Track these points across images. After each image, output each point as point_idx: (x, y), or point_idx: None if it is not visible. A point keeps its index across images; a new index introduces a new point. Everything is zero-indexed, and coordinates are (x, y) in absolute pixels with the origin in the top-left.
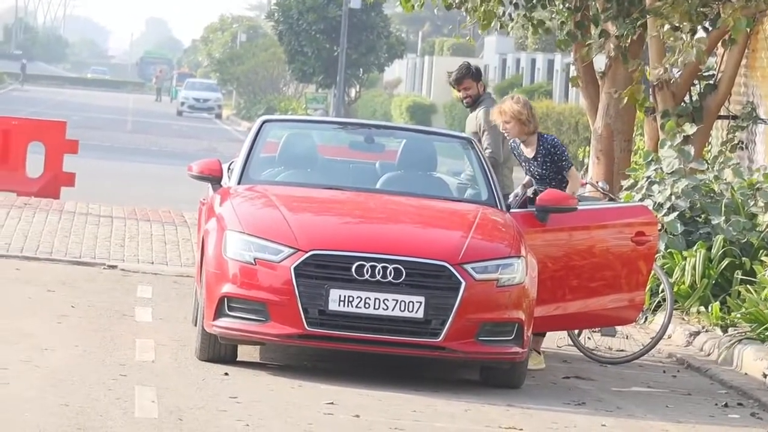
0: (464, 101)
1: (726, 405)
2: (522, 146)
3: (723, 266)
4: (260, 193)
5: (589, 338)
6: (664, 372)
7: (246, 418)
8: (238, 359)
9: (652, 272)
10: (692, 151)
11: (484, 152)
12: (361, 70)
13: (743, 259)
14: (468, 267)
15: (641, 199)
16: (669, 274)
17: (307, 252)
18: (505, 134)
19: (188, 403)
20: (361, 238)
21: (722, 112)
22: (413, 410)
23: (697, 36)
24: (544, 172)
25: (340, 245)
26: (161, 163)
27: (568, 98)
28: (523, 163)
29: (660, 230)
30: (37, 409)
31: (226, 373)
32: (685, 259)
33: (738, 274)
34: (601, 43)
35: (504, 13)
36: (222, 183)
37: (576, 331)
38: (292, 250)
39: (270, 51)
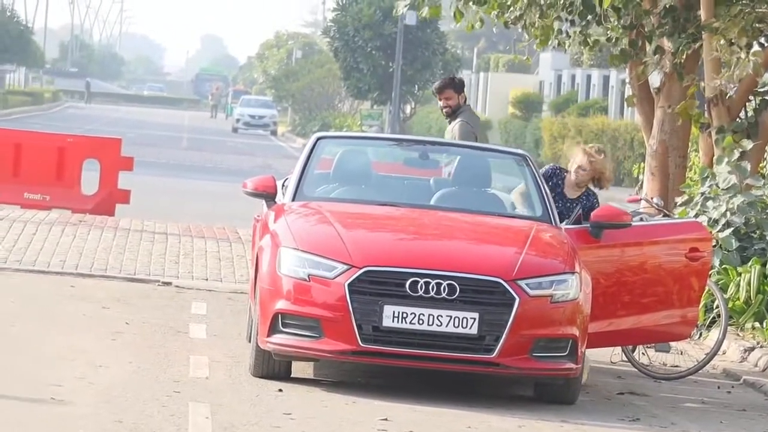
0: (444, 110)
1: None
2: (568, 182)
3: None
4: (314, 210)
5: (643, 354)
6: (719, 388)
7: None
8: (292, 375)
9: (707, 288)
10: (748, 167)
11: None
12: (416, 86)
13: None
14: (522, 283)
15: (696, 215)
16: (724, 289)
17: (361, 268)
18: (574, 178)
19: (242, 420)
20: (415, 255)
21: None
22: (467, 426)
23: (753, 50)
24: (562, 212)
25: (394, 262)
26: (216, 179)
27: (623, 114)
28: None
29: (715, 246)
30: (92, 426)
31: (280, 390)
32: (739, 275)
33: None
34: (657, 60)
35: (560, 30)
36: (276, 200)
37: (630, 347)
38: (346, 267)
39: (325, 67)
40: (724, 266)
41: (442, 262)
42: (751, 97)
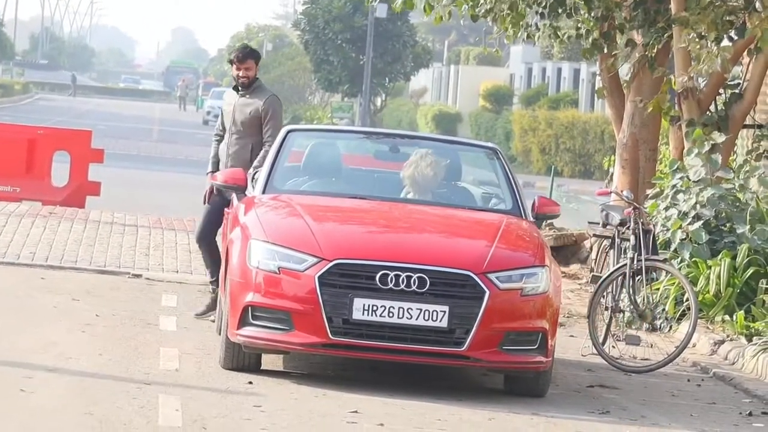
0: (240, 80)
1: (750, 414)
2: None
3: (748, 275)
4: (285, 203)
5: (613, 347)
6: (689, 381)
7: (270, 427)
8: (262, 368)
9: (677, 281)
10: (719, 160)
11: (266, 143)
12: (387, 79)
13: None
14: (492, 276)
15: (666, 208)
16: (694, 283)
17: (331, 261)
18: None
19: (212, 412)
20: (385, 248)
21: (747, 121)
22: (437, 419)
23: (722, 45)
24: None
25: (365, 254)
26: (186, 172)
27: (593, 107)
28: None
29: (684, 239)
30: (62, 418)
31: (250, 382)
32: (709, 268)
33: (763, 283)
34: (628, 52)
35: (530, 23)
36: (246, 192)
37: (600, 340)
38: (316, 260)
39: (296, 60)
40: (694, 259)
41: (413, 255)
42: (721, 91)
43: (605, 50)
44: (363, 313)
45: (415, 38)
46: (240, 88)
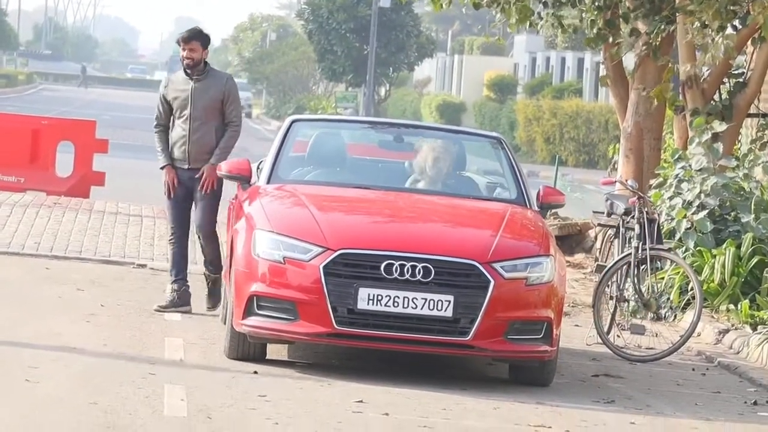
0: (185, 61)
1: (755, 403)
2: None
3: (752, 264)
4: (289, 193)
5: (618, 336)
6: (693, 370)
7: (275, 417)
8: (267, 358)
9: (682, 270)
10: (721, 149)
11: (231, 124)
12: (390, 69)
13: None
14: (497, 266)
15: (671, 198)
16: (698, 272)
17: (336, 251)
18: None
19: (217, 402)
20: (390, 237)
21: (752, 110)
22: (443, 408)
23: (726, 33)
24: None
25: (369, 244)
26: None
27: (597, 97)
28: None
29: (689, 228)
30: (67, 408)
31: (255, 372)
32: (714, 257)
33: (767, 272)
34: (632, 41)
35: (534, 12)
36: (251, 182)
37: (605, 329)
38: (321, 249)
39: (300, 50)
40: (698, 248)
41: (417, 245)
42: (725, 80)
43: (609, 40)
44: (368, 303)
45: (419, 28)
46: (189, 71)
